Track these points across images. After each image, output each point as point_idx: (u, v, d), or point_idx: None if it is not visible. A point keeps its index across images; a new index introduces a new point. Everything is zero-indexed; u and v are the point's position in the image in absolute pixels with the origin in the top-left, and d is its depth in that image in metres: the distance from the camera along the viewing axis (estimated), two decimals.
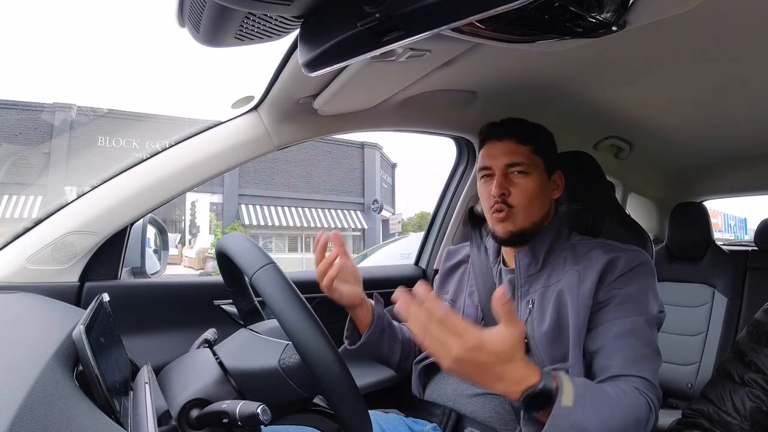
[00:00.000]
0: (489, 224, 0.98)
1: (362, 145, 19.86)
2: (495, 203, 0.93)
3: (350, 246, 20.26)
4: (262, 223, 17.78)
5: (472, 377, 0.66)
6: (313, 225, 18.86)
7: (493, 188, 0.93)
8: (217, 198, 17.67)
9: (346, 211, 19.77)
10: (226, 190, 17.47)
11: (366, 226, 19.90)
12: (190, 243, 17.25)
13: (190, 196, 16.98)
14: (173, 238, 16.37)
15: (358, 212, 20.04)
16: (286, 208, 18.54)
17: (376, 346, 1.01)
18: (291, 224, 18.43)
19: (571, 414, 0.68)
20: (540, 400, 0.68)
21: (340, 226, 19.46)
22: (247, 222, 17.41)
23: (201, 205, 17.60)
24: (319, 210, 19.20)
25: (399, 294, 0.67)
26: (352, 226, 19.86)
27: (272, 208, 18.28)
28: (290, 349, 0.70)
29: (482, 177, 0.98)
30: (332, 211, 19.49)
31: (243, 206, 17.77)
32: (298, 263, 17.08)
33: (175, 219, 17.94)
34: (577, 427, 0.68)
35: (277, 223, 18.11)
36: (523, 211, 0.93)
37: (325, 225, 19.16)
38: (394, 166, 23.31)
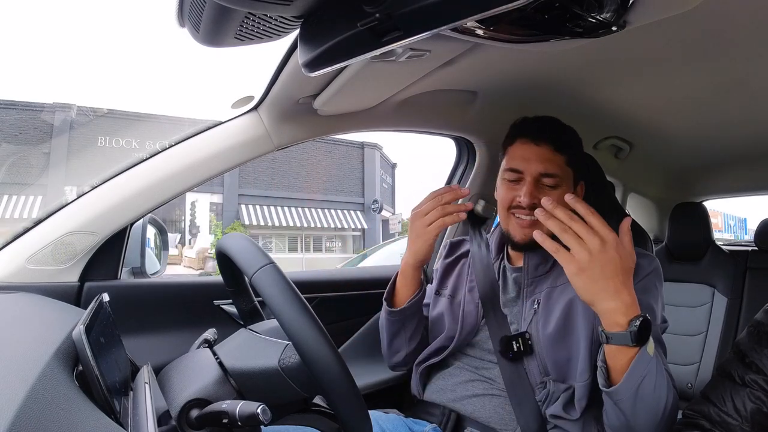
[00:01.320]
0: (502, 222, 0.96)
1: (362, 145, 19.84)
2: (518, 206, 0.91)
3: (350, 246, 20.28)
4: (262, 223, 17.77)
5: (595, 279, 0.70)
6: (313, 225, 18.86)
7: (523, 196, 0.89)
8: (217, 198, 17.66)
9: (346, 211, 19.76)
10: (226, 190, 17.46)
11: (366, 226, 19.90)
12: (190, 243, 17.24)
13: (190, 196, 16.97)
14: (173, 238, 16.36)
15: (358, 212, 20.02)
16: (286, 208, 18.54)
17: (411, 318, 1.01)
18: (291, 224, 18.42)
19: (649, 363, 0.70)
20: (639, 336, 0.70)
21: (340, 226, 19.46)
22: (247, 222, 17.41)
23: (201, 205, 17.59)
24: (319, 210, 19.19)
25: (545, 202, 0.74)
26: (352, 226, 19.85)
27: (272, 208, 18.27)
28: (290, 349, 0.70)
29: (509, 179, 0.93)
30: (332, 211, 19.48)
31: (243, 206, 17.77)
32: (298, 263, 17.09)
33: (175, 219, 17.93)
34: (647, 381, 0.70)
35: (277, 223, 18.11)
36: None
37: (325, 225, 19.15)
38: (394, 166, 23.30)
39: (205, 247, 15.57)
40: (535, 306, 0.91)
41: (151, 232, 1.20)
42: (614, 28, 0.68)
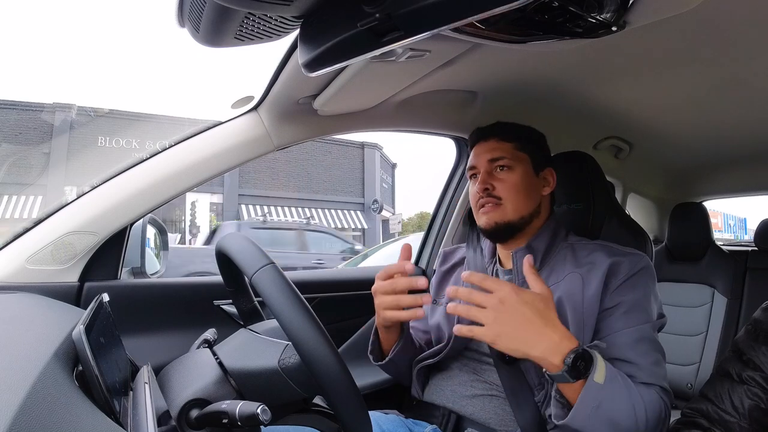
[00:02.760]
0: (476, 220, 0.98)
1: (362, 145, 19.84)
2: (480, 198, 0.95)
3: None
4: None
5: (515, 335, 0.70)
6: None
7: (477, 184, 0.95)
8: (217, 198, 17.64)
9: (346, 211, 19.75)
10: (226, 190, 17.45)
11: (366, 226, 19.90)
12: (190, 243, 17.25)
13: (190, 196, 16.93)
14: (173, 238, 16.35)
15: (358, 212, 20.00)
16: (286, 208, 18.53)
17: (401, 363, 1.00)
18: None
19: (600, 391, 0.69)
20: (576, 371, 0.69)
21: (340, 226, 19.45)
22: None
23: (201, 205, 17.55)
24: (320, 210, 19.19)
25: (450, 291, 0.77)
26: (352, 226, 19.84)
27: (272, 208, 18.26)
28: (290, 349, 0.70)
29: (470, 177, 1.01)
30: (332, 211, 19.47)
31: (243, 206, 17.76)
32: None
33: (175, 219, 17.90)
34: (605, 407, 0.69)
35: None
36: (511, 203, 0.93)
37: (325, 225, 19.16)
38: (394, 166, 23.29)
39: None
40: None
41: (150, 232, 1.20)
42: (614, 28, 0.69)
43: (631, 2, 0.65)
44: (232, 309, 1.13)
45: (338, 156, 19.63)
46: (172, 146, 1.03)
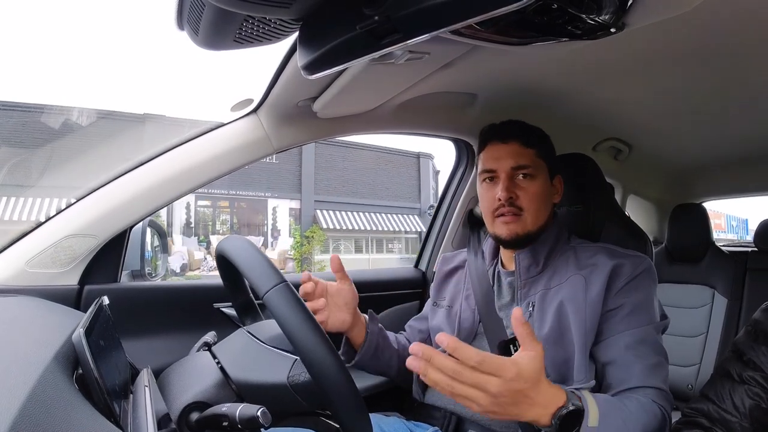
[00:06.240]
0: (489, 227, 0.97)
1: (418, 156, 21.14)
2: (500, 206, 0.92)
3: (408, 247, 21.17)
4: (336, 227, 18.59)
5: (508, 410, 0.64)
6: (377, 228, 19.75)
7: (500, 191, 0.91)
8: (295, 204, 18.43)
9: (404, 216, 20.63)
10: (304, 196, 18.15)
11: (423, 229, 20.51)
12: (272, 245, 17.87)
13: (271, 202, 17.71)
14: (256, 241, 16.84)
15: (415, 216, 20.93)
16: (354, 213, 19.43)
17: (372, 363, 1.00)
18: (358, 228, 19.23)
19: None
20: (569, 422, 0.67)
21: (399, 229, 20.36)
22: (324, 226, 18.08)
23: (281, 210, 18.27)
24: (381, 215, 20.12)
25: (415, 349, 0.62)
26: (411, 230, 20.70)
27: (343, 213, 19.06)
28: (299, 365, 0.70)
29: (485, 180, 0.96)
30: (393, 215, 20.41)
31: (318, 211, 18.42)
32: (364, 263, 18.01)
33: (259, 223, 18.44)
34: None
35: (348, 227, 18.89)
36: (532, 214, 0.92)
37: (387, 228, 20.20)
38: (437, 173, 24.18)
39: (285, 249, 16.78)
40: (530, 308, 0.91)
41: (150, 235, 1.20)
42: (613, 30, 0.68)
43: (630, 3, 0.65)
44: (231, 312, 1.12)
45: (398, 165, 21.32)
46: (171, 149, 1.03)
